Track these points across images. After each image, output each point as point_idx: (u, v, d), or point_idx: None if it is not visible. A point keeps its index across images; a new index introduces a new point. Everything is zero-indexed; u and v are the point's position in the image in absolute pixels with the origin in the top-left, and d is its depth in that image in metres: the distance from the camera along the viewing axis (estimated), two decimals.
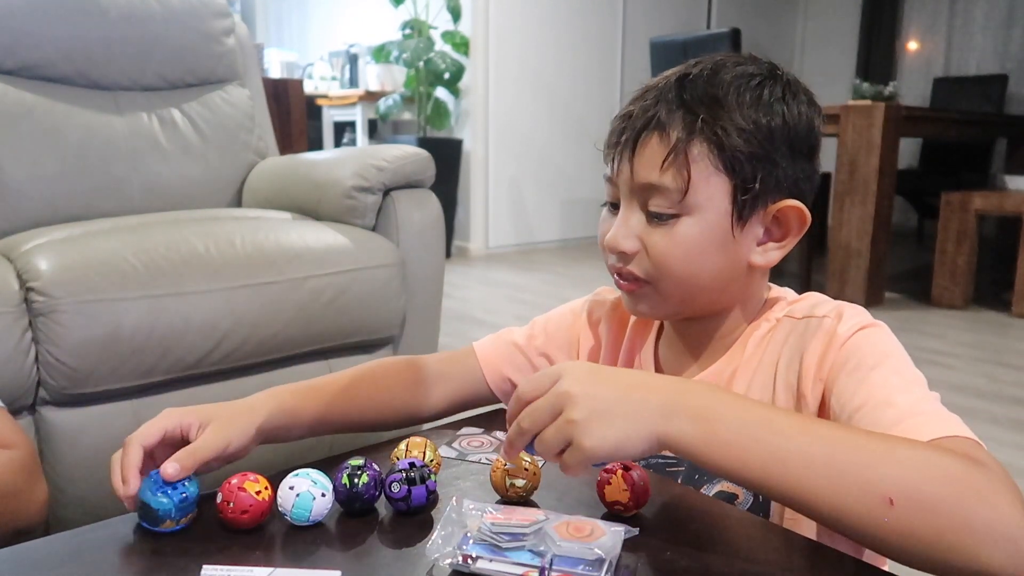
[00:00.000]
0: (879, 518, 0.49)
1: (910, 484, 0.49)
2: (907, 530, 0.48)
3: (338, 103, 4.86)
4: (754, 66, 0.68)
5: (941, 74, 5.78)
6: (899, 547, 0.49)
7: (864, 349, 0.63)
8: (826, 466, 0.50)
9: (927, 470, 0.50)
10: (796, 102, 0.67)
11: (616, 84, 5.29)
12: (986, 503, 0.48)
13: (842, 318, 0.66)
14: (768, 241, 0.69)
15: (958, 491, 0.48)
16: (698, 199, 0.64)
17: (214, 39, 1.96)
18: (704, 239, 0.66)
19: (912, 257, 4.81)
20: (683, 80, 0.67)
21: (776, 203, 0.67)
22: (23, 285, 1.25)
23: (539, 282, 4.00)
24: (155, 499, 0.56)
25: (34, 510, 0.94)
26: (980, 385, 2.40)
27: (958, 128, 4.05)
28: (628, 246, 0.67)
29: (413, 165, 1.69)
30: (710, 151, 0.64)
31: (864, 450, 0.51)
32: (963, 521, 0.48)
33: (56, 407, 1.27)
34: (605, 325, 0.82)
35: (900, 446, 0.51)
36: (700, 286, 0.68)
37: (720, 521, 0.61)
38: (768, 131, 0.65)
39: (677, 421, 0.52)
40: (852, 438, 0.53)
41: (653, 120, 0.65)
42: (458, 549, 0.52)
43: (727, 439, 0.52)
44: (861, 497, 0.49)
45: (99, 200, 1.71)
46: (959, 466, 0.50)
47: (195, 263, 1.36)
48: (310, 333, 1.48)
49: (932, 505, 0.48)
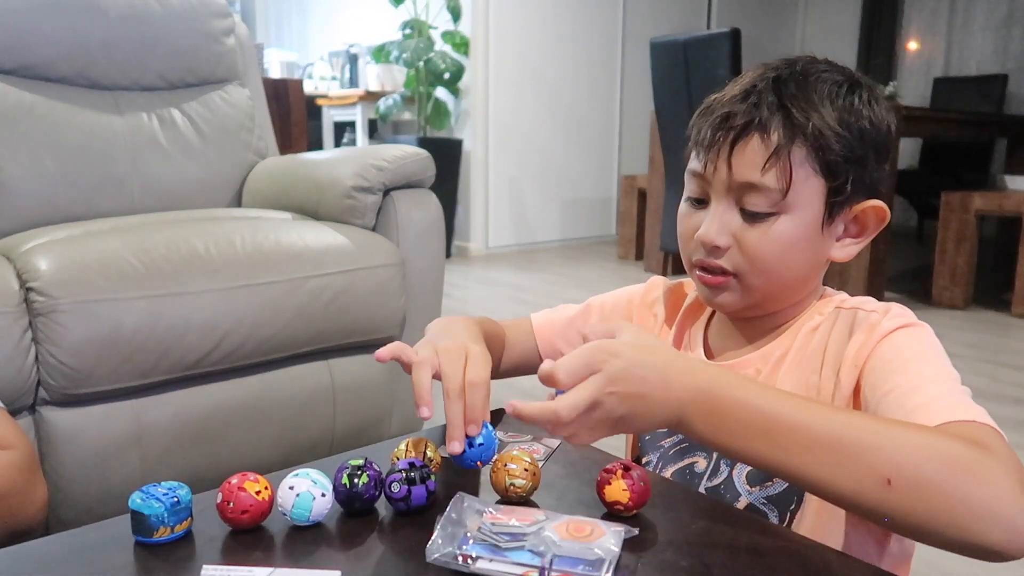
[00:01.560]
0: (878, 499, 0.51)
1: (907, 466, 0.51)
2: (906, 509, 0.51)
3: (338, 103, 4.87)
4: (838, 73, 0.71)
5: (941, 74, 5.78)
6: (899, 524, 0.52)
7: (904, 344, 0.65)
8: (825, 449, 0.53)
9: (925, 451, 0.51)
10: (880, 107, 0.70)
11: (616, 84, 5.29)
12: (983, 483, 0.50)
13: (888, 314, 0.68)
14: (846, 237, 0.72)
15: (955, 472, 0.50)
16: (796, 200, 0.67)
17: (214, 39, 1.96)
18: (797, 237, 0.68)
19: (912, 257, 4.81)
20: (777, 82, 0.69)
21: (860, 203, 0.70)
22: (23, 285, 1.25)
23: (539, 282, 3.99)
24: (146, 505, 0.55)
25: (34, 511, 0.95)
26: (980, 385, 2.40)
27: (958, 128, 4.05)
28: (723, 241, 0.69)
29: (413, 165, 1.69)
30: (810, 154, 0.66)
31: (864, 432, 0.53)
32: (959, 500, 0.50)
33: (56, 407, 1.27)
34: (660, 306, 0.85)
35: (900, 429, 0.53)
36: (786, 279, 0.71)
37: (720, 521, 0.61)
38: (859, 134, 0.68)
39: (693, 417, 0.56)
40: (853, 421, 0.55)
41: (754, 122, 0.67)
42: (458, 549, 0.52)
43: (735, 432, 0.55)
44: (860, 478, 0.52)
45: (99, 200, 1.71)
46: (959, 448, 0.51)
47: (195, 263, 1.36)
48: (310, 333, 1.48)
49: (928, 485, 0.50)
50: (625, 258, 4.62)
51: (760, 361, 0.73)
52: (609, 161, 5.38)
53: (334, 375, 1.54)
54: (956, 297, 3.42)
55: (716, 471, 0.72)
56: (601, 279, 4.10)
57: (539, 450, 0.71)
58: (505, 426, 0.77)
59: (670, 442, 0.76)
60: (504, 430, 0.76)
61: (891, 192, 3.38)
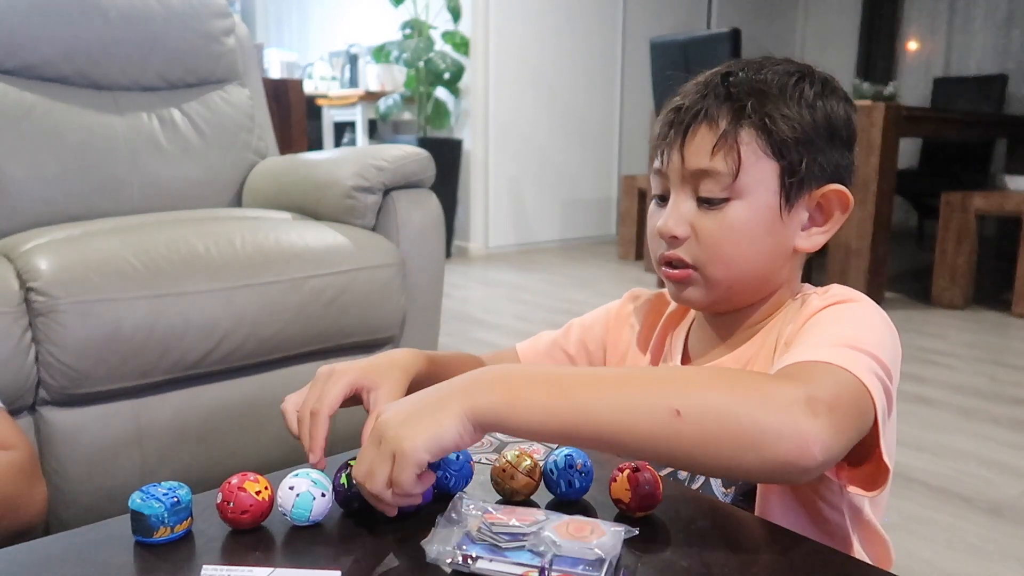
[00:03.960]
0: (671, 432, 0.52)
1: (694, 395, 0.53)
2: (697, 438, 0.52)
3: (338, 103, 4.87)
4: (792, 66, 0.72)
5: (941, 74, 5.77)
6: (694, 457, 0.53)
7: (825, 317, 0.65)
8: (615, 395, 0.54)
9: (711, 382, 0.55)
10: (834, 97, 0.71)
11: (616, 84, 5.29)
12: (769, 401, 0.52)
13: (826, 295, 0.69)
14: (812, 226, 0.72)
15: (740, 395, 0.53)
16: (748, 182, 0.67)
17: (214, 39, 1.96)
18: (754, 222, 0.69)
19: (912, 257, 4.81)
20: (728, 76, 0.70)
21: (820, 188, 0.70)
22: (23, 285, 1.25)
23: (539, 282, 3.99)
24: (146, 505, 0.55)
25: (33, 512, 0.94)
26: (980, 385, 2.39)
27: (958, 128, 4.04)
28: (680, 231, 0.69)
29: (413, 165, 1.69)
30: (758, 136, 0.67)
31: (651, 374, 0.59)
32: (747, 421, 0.52)
33: (56, 407, 1.27)
34: (638, 316, 0.85)
35: (692, 370, 0.60)
36: (748, 270, 0.70)
37: (720, 521, 0.61)
38: (811, 118, 0.69)
39: (479, 394, 0.54)
40: (641, 372, 0.61)
41: (702, 112, 0.68)
42: (458, 549, 0.52)
43: (529, 398, 0.54)
44: (650, 413, 0.53)
45: (99, 200, 1.71)
46: (753, 378, 0.55)
47: (195, 263, 1.36)
48: (310, 333, 1.48)
49: (715, 409, 0.52)
50: (625, 258, 4.62)
51: (732, 362, 0.72)
52: (609, 161, 5.38)
53: None
54: (956, 297, 3.42)
55: (695, 475, 0.72)
56: (601, 279, 4.10)
57: (539, 450, 0.71)
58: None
59: None
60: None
61: (891, 192, 3.38)
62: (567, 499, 0.62)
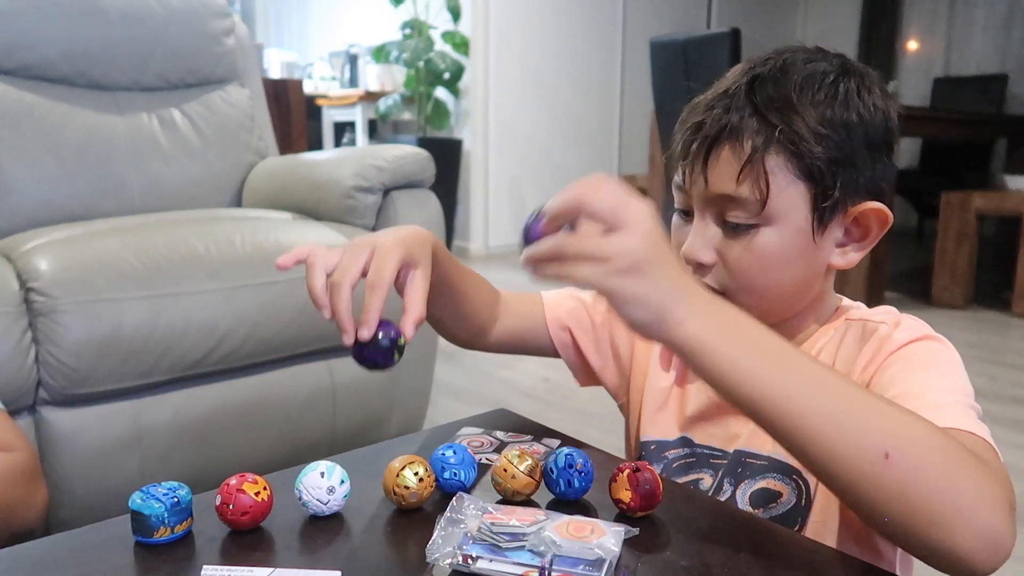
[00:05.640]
0: (873, 471, 0.48)
1: (910, 444, 0.48)
2: (897, 490, 0.48)
3: (338, 103, 4.86)
4: (824, 62, 0.66)
5: (941, 74, 5.77)
6: (884, 508, 0.48)
7: (916, 356, 0.62)
8: (829, 407, 0.49)
9: (929, 437, 0.49)
10: (871, 96, 0.65)
11: (616, 84, 5.29)
12: (979, 484, 0.48)
13: (900, 326, 0.65)
14: (848, 243, 0.67)
15: (955, 464, 0.48)
16: (777, 209, 0.62)
17: (214, 39, 1.96)
18: (785, 248, 0.64)
19: (912, 257, 4.81)
20: (752, 83, 0.64)
21: (857, 205, 0.65)
22: (23, 285, 1.25)
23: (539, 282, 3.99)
24: (146, 505, 0.55)
25: (33, 514, 0.94)
26: (980, 385, 2.36)
27: (958, 128, 4.04)
28: (706, 258, 0.65)
29: (413, 165, 1.69)
30: (788, 160, 0.62)
31: (873, 400, 0.50)
32: (955, 491, 0.47)
33: (56, 407, 1.27)
34: None
35: (908, 413, 0.50)
36: (779, 295, 0.67)
37: (721, 521, 0.61)
38: (845, 131, 0.63)
39: (703, 312, 0.51)
40: (861, 392, 0.51)
41: (725, 129, 0.63)
42: (458, 549, 0.52)
43: (744, 356, 0.50)
44: (860, 444, 0.48)
45: (99, 200, 1.71)
46: (958, 448, 0.49)
47: (195, 263, 1.36)
48: (310, 333, 1.48)
49: (927, 468, 0.48)
50: None
51: None
52: (609, 161, 5.38)
53: (334, 375, 1.54)
54: (956, 297, 3.42)
55: (720, 489, 0.70)
56: None
57: (539, 450, 0.71)
58: (505, 426, 0.77)
59: (675, 454, 0.74)
60: (504, 430, 0.76)
61: (891, 192, 3.37)
62: (567, 499, 0.62)
